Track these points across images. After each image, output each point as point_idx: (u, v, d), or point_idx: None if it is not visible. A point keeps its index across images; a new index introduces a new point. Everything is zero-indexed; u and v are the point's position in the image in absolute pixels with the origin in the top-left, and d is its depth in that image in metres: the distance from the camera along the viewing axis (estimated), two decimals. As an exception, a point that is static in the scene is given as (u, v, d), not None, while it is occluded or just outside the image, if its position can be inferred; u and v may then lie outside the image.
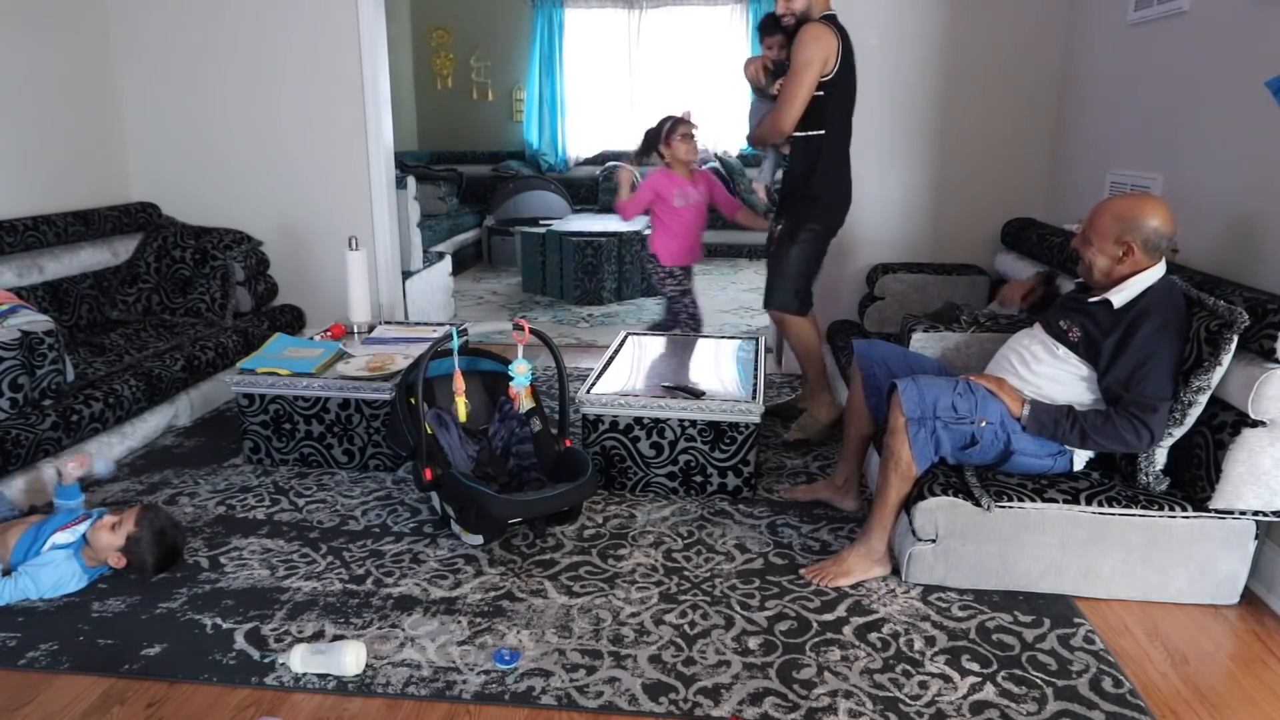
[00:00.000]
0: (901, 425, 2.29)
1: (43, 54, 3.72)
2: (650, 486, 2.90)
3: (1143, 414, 2.14)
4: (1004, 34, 3.82)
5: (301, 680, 1.95)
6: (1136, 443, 2.18)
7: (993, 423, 2.28)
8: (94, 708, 1.87)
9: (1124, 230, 2.19)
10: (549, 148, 8.38)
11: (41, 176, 3.71)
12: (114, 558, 2.27)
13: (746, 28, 7.91)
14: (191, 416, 3.54)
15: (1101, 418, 2.20)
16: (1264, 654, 2.09)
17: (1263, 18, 2.43)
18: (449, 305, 5.54)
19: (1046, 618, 2.20)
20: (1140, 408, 2.15)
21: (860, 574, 2.36)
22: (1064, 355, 2.30)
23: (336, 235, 4.12)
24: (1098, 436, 2.20)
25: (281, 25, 4.05)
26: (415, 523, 2.69)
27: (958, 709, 1.86)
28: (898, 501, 2.36)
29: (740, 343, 3.52)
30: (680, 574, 2.40)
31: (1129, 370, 2.17)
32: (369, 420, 3.01)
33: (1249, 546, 2.21)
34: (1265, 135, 2.40)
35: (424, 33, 8.39)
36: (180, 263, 3.91)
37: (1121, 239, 2.20)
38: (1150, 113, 3.07)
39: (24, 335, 2.70)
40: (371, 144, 4.15)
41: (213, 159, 4.23)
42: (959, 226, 4.03)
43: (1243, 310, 2.08)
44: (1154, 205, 2.22)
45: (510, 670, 1.98)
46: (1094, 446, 2.26)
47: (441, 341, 2.61)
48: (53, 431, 2.72)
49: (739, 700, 1.88)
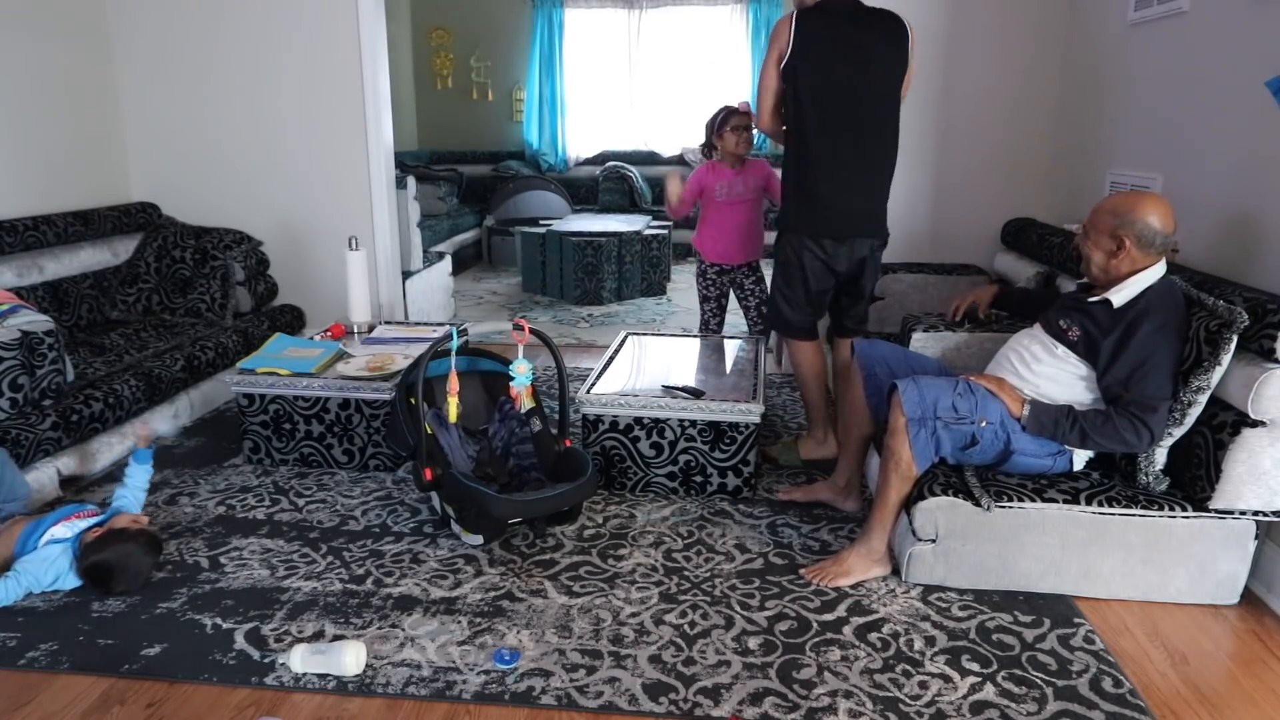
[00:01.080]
0: (902, 425, 2.29)
1: (43, 54, 3.72)
2: (650, 486, 2.90)
3: (1143, 414, 2.14)
4: (1004, 34, 3.83)
5: (301, 680, 1.95)
6: (1136, 442, 2.18)
7: (993, 423, 2.28)
8: (94, 708, 1.87)
9: (1118, 225, 2.20)
10: (549, 148, 8.39)
11: (41, 176, 3.71)
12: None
13: (746, 28, 7.92)
14: (191, 416, 3.54)
15: (1101, 417, 2.20)
16: (1264, 654, 2.09)
17: (1263, 18, 2.43)
18: (449, 305, 5.54)
19: (1046, 618, 2.20)
20: (1140, 407, 2.15)
21: (860, 574, 2.36)
22: (1063, 355, 2.30)
23: (336, 235, 4.12)
24: (1097, 436, 2.20)
25: (281, 25, 4.05)
26: (415, 523, 2.69)
27: (958, 709, 1.86)
28: (898, 502, 2.36)
29: (740, 343, 3.52)
30: (680, 574, 2.40)
31: (1128, 370, 2.17)
32: (369, 420, 3.01)
33: (1249, 546, 2.21)
34: (1265, 135, 2.40)
35: (424, 33, 8.39)
36: (180, 263, 3.91)
37: (1116, 233, 2.20)
38: (1150, 113, 3.07)
39: (24, 335, 2.70)
40: (371, 144, 4.15)
41: (213, 159, 4.23)
42: (959, 226, 4.03)
43: (1242, 310, 2.08)
44: (1152, 202, 2.22)
45: (510, 670, 1.98)
46: (1094, 446, 2.26)
47: (441, 341, 2.61)
48: (53, 431, 2.72)
49: (739, 700, 1.88)
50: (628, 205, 7.87)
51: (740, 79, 8.01)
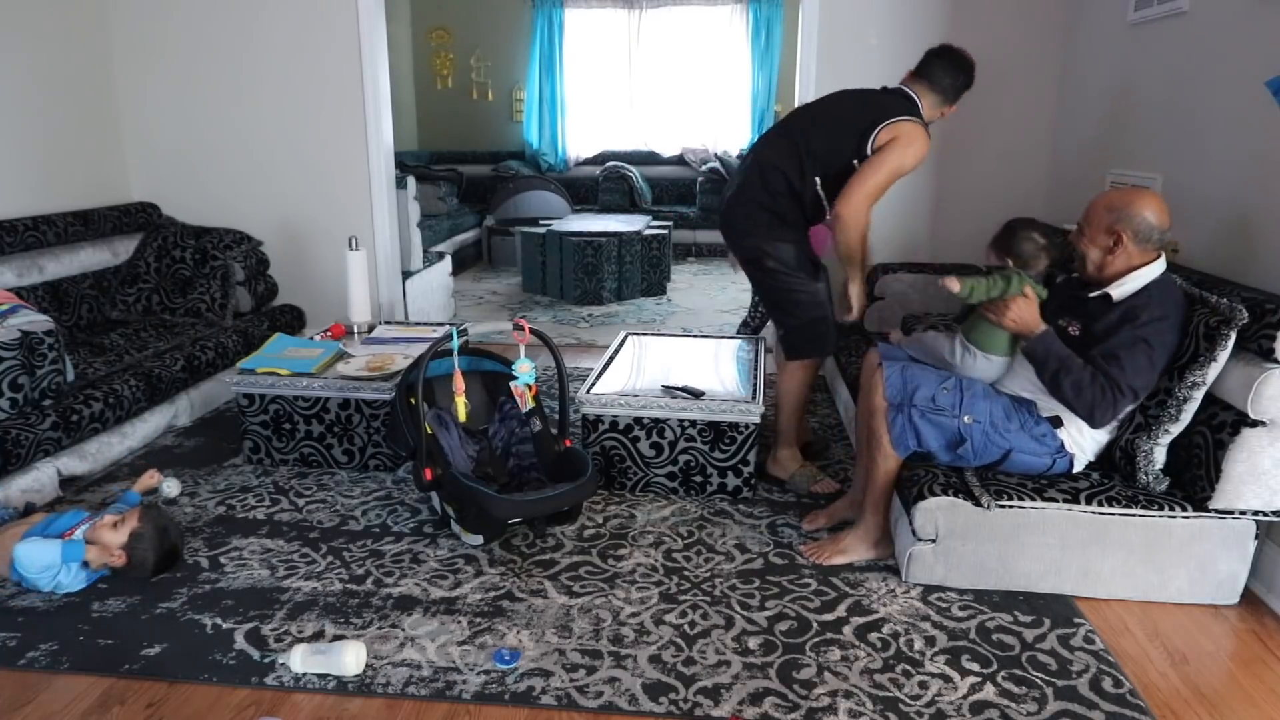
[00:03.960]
0: (882, 408, 2.35)
1: (42, 54, 3.72)
2: (650, 486, 2.89)
3: (1114, 391, 2.14)
4: (1004, 34, 3.83)
5: (301, 680, 1.95)
6: (1087, 414, 2.17)
7: (980, 421, 2.28)
8: (94, 708, 1.87)
9: (1115, 220, 2.21)
10: (549, 148, 8.39)
11: (41, 176, 3.72)
12: (115, 555, 2.27)
13: (746, 28, 7.92)
14: (191, 416, 3.54)
15: (1088, 376, 2.16)
16: (1264, 654, 2.09)
17: (1263, 18, 2.43)
18: (449, 305, 5.54)
19: (1046, 618, 2.20)
20: (1115, 385, 2.14)
21: (856, 554, 2.43)
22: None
23: (336, 235, 4.12)
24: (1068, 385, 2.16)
25: (281, 25, 4.05)
26: (415, 523, 2.69)
27: (958, 709, 1.86)
28: (886, 482, 2.41)
29: (740, 343, 3.52)
30: (680, 574, 2.40)
31: (1117, 349, 2.15)
32: (369, 420, 3.01)
33: (1249, 546, 2.21)
34: (1265, 135, 2.40)
35: (424, 33, 8.39)
36: (180, 263, 3.91)
37: (1112, 229, 2.21)
38: (1150, 113, 3.07)
39: (24, 335, 2.70)
40: (371, 144, 4.15)
41: (212, 159, 4.23)
42: (959, 226, 4.04)
43: (1242, 307, 2.08)
44: (1147, 197, 2.23)
45: (510, 670, 1.98)
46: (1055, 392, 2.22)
47: (441, 341, 2.61)
48: (53, 431, 2.72)
49: (739, 700, 1.88)
50: (628, 205, 7.87)
51: (740, 79, 8.02)
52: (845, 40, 3.77)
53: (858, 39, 3.85)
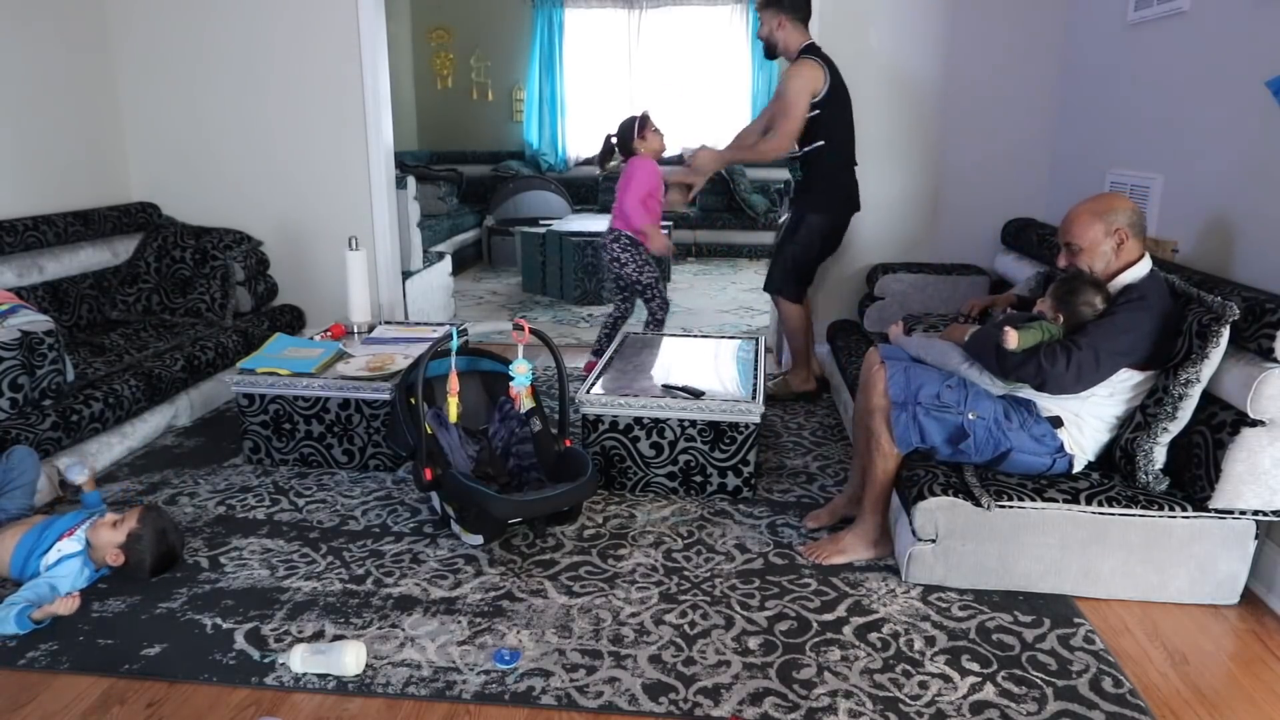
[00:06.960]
0: (882, 406, 2.37)
1: (42, 54, 3.72)
2: (650, 486, 2.90)
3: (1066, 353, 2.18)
4: (1004, 34, 3.83)
5: (301, 680, 1.95)
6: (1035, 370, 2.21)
7: (984, 418, 2.29)
8: (94, 708, 1.87)
9: (1110, 221, 2.26)
10: (549, 148, 8.39)
11: (41, 176, 3.71)
12: (113, 555, 2.27)
13: (746, 28, 7.92)
14: (191, 416, 3.54)
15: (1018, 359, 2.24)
16: (1264, 654, 2.09)
17: (1263, 18, 2.43)
18: (449, 305, 5.54)
19: (1046, 618, 2.20)
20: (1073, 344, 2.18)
21: (855, 554, 2.44)
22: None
23: (336, 235, 4.12)
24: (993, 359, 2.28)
25: (281, 25, 4.05)
26: (415, 523, 2.69)
27: (958, 709, 1.86)
28: (885, 481, 2.42)
29: (740, 343, 3.52)
30: (680, 574, 2.40)
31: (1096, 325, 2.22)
32: (369, 420, 3.01)
33: (1249, 546, 2.21)
34: (1265, 135, 2.40)
35: (424, 33, 8.39)
36: (180, 263, 3.91)
37: (1111, 229, 2.26)
38: (1150, 113, 3.07)
39: (24, 335, 2.70)
40: (371, 144, 4.15)
41: (212, 159, 4.23)
42: (959, 226, 4.04)
43: (1234, 304, 2.09)
44: (1117, 195, 2.34)
45: (510, 670, 1.98)
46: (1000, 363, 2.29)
47: (441, 341, 2.61)
48: (53, 431, 2.72)
49: (739, 700, 1.88)
50: (628, 205, 7.86)
51: (740, 78, 8.02)
52: (845, 40, 3.77)
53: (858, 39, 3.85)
